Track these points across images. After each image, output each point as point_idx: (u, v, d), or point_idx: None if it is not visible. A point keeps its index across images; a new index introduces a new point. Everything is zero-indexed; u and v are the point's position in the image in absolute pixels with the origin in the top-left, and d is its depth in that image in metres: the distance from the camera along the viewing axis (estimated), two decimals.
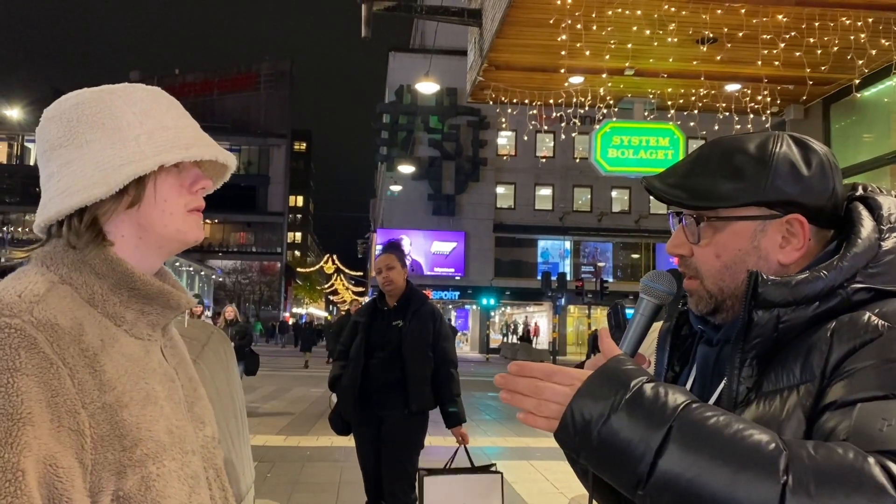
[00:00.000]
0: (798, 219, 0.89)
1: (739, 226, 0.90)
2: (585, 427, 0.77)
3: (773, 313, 0.85)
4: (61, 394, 0.77)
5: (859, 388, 0.74)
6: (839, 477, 0.65)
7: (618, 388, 0.77)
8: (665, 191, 0.94)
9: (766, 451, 0.69)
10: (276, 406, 10.83)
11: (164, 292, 0.91)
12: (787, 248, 0.90)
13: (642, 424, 0.74)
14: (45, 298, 0.82)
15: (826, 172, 0.91)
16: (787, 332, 0.85)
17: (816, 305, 0.84)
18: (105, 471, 0.80)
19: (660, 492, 0.71)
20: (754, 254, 0.90)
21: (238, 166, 1.08)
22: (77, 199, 0.85)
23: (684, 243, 0.95)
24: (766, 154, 0.90)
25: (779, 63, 6.30)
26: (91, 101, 0.91)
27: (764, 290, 0.85)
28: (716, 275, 0.92)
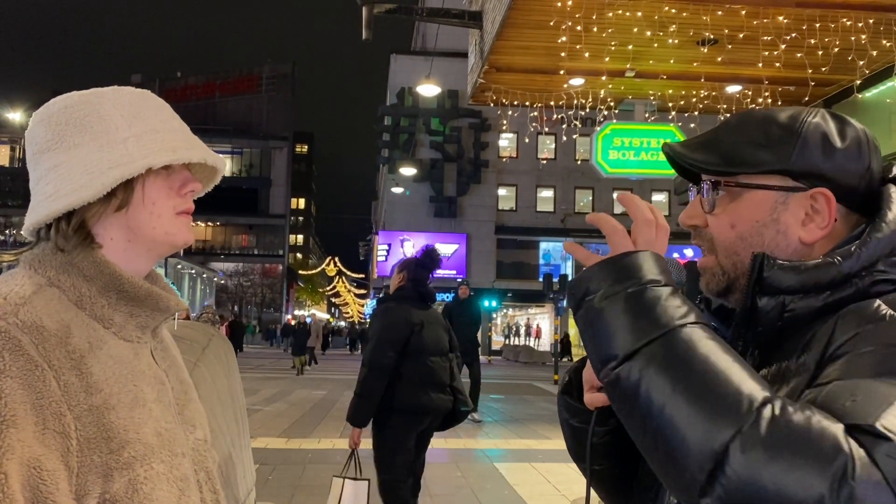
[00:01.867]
0: (825, 193, 0.80)
1: (759, 195, 0.82)
2: (586, 293, 0.74)
3: (778, 300, 0.78)
4: (46, 396, 0.77)
5: (844, 370, 0.69)
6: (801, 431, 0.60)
7: (631, 276, 0.73)
8: (683, 154, 0.87)
9: (743, 389, 0.63)
10: (277, 408, 10.83)
11: (152, 294, 0.91)
12: (809, 225, 0.81)
13: (638, 319, 0.70)
14: (31, 301, 0.82)
15: (862, 149, 0.82)
16: (793, 322, 0.78)
17: (827, 294, 0.77)
18: (91, 473, 0.79)
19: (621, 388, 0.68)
20: (773, 227, 0.82)
21: (240, 169, 1.07)
22: (64, 202, 0.85)
23: (699, 213, 0.88)
24: (797, 122, 0.82)
25: (779, 64, 6.30)
26: (79, 103, 0.91)
27: (770, 275, 0.78)
28: (730, 247, 0.84)
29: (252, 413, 9.83)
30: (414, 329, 3.66)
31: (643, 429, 0.68)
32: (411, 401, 3.60)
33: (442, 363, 3.75)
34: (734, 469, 0.60)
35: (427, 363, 3.66)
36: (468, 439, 8.12)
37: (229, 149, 55.02)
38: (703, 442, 0.62)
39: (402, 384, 3.59)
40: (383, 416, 3.60)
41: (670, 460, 0.65)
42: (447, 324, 3.93)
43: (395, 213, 33.20)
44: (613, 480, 0.95)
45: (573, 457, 0.99)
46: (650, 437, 0.67)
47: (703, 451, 0.62)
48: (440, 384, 3.69)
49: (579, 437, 0.93)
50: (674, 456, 0.64)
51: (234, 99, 60.36)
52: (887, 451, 0.59)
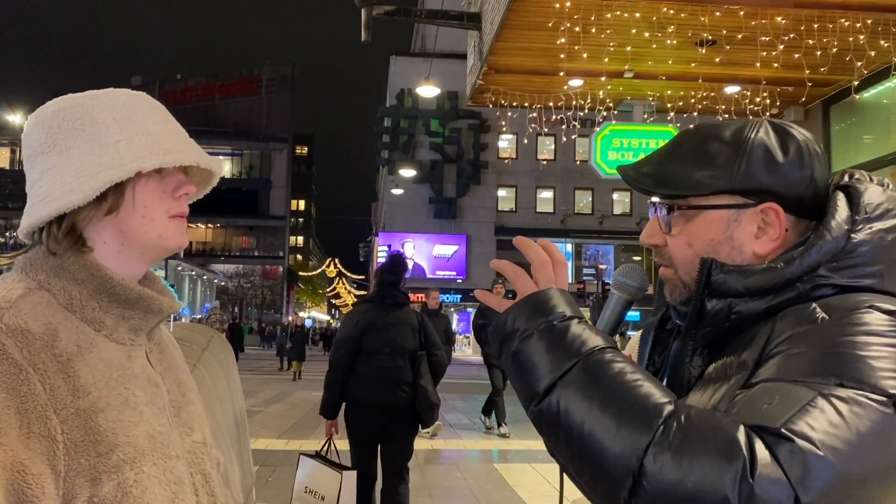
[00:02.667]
0: (773, 208, 0.85)
1: (711, 214, 0.87)
2: (511, 335, 0.80)
3: (725, 302, 0.82)
4: (31, 400, 0.76)
5: (774, 371, 0.73)
6: (704, 436, 0.65)
7: (547, 313, 0.79)
8: (637, 178, 0.92)
9: (653, 405, 0.69)
10: (277, 410, 10.83)
11: (144, 297, 0.90)
12: (762, 238, 0.86)
13: (554, 353, 0.76)
14: (17, 304, 0.82)
15: (804, 159, 0.85)
16: (739, 323, 0.82)
17: (771, 297, 0.81)
18: (79, 477, 0.78)
19: (547, 418, 0.74)
20: (727, 244, 0.86)
21: (240, 171, 1.07)
22: (55, 206, 0.85)
23: (657, 233, 0.92)
24: (741, 140, 0.86)
25: (778, 65, 6.31)
26: (72, 106, 0.90)
27: (717, 279, 0.82)
28: (688, 264, 0.88)
29: (252, 414, 9.82)
30: (366, 330, 3.95)
31: (570, 456, 0.73)
32: (363, 395, 3.93)
33: (396, 361, 3.97)
34: (650, 480, 0.65)
35: (379, 362, 3.93)
36: (468, 440, 8.13)
37: (229, 150, 55.04)
38: (621, 458, 0.67)
39: (357, 380, 3.94)
40: (346, 407, 4.01)
41: (597, 481, 0.70)
42: (418, 325, 4.15)
43: (394, 215, 33.19)
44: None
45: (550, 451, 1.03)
46: (577, 462, 0.72)
47: (622, 467, 0.67)
48: (393, 381, 3.94)
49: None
50: (598, 476, 0.70)
51: (234, 101, 60.37)
52: (789, 450, 0.63)
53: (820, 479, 0.62)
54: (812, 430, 0.64)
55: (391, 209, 33.43)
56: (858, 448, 0.64)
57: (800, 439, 0.63)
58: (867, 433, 0.64)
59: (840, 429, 0.64)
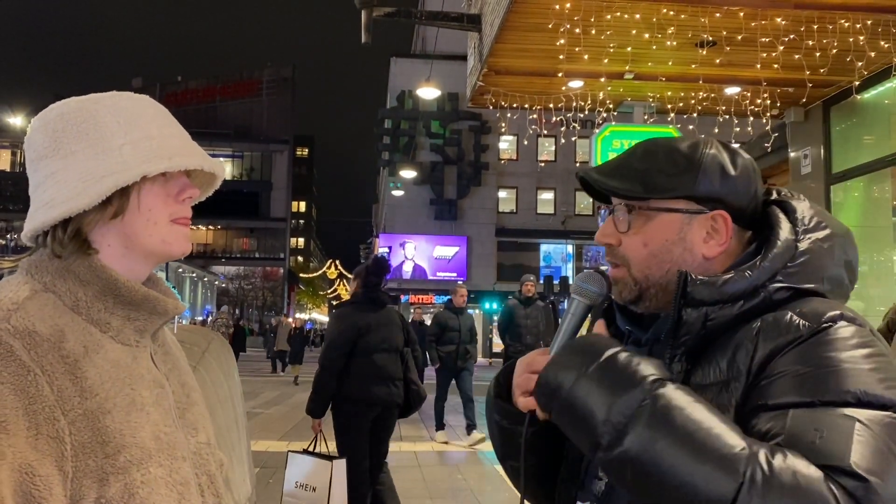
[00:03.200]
0: (723, 215, 0.94)
1: (668, 217, 0.94)
2: (557, 388, 0.82)
3: (701, 311, 0.89)
4: (39, 401, 0.76)
5: (787, 391, 0.79)
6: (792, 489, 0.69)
7: (590, 356, 0.83)
8: (600, 181, 0.97)
9: (731, 449, 0.72)
10: (278, 411, 10.83)
11: (149, 298, 0.90)
12: (710, 242, 0.94)
13: (611, 391, 0.78)
14: (24, 306, 0.82)
15: (750, 175, 0.96)
16: (715, 329, 0.89)
17: (741, 304, 0.88)
18: (86, 478, 0.79)
19: (624, 462, 0.75)
20: (680, 245, 0.94)
21: (241, 172, 1.07)
22: (60, 210, 0.85)
23: (613, 233, 0.98)
24: (699, 152, 0.95)
25: (778, 66, 6.31)
26: (76, 110, 0.90)
27: (693, 290, 0.89)
28: (642, 262, 0.95)
29: (252, 416, 9.82)
30: (361, 331, 4.11)
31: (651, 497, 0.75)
32: (359, 393, 4.07)
33: (391, 359, 4.19)
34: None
35: (374, 360, 4.12)
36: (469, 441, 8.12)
37: (230, 152, 55.06)
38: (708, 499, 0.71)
39: (352, 378, 4.08)
40: (337, 405, 4.11)
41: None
42: (402, 323, 4.37)
43: (395, 216, 33.19)
44: (540, 476, 1.05)
45: (499, 456, 1.08)
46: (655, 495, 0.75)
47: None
48: (387, 378, 4.16)
49: (508, 438, 1.02)
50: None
51: (235, 102, 60.38)
52: (864, 488, 0.69)
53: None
54: (869, 461, 0.70)
55: (392, 210, 33.43)
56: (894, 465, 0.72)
57: (869, 475, 0.70)
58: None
59: (885, 454, 0.72)
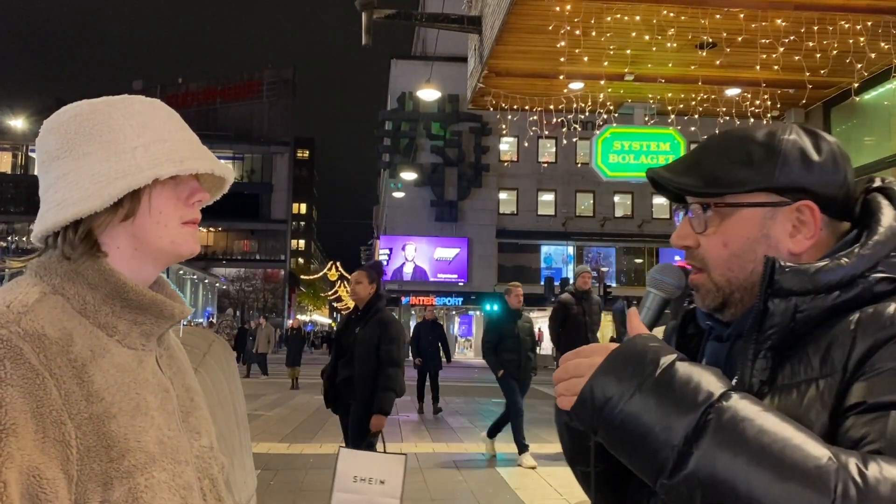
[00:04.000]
0: (809, 205, 0.85)
1: (748, 213, 0.87)
2: (605, 404, 0.74)
3: (790, 302, 0.80)
4: (47, 404, 0.77)
5: (888, 390, 0.71)
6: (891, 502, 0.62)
7: (645, 365, 0.74)
8: (671, 179, 0.91)
9: (816, 462, 0.65)
10: (279, 413, 10.83)
11: (156, 302, 0.91)
12: (797, 236, 0.86)
13: (671, 408, 0.70)
14: (34, 309, 0.82)
15: (838, 161, 0.87)
16: (805, 323, 0.81)
17: (836, 295, 0.80)
18: (91, 482, 0.79)
19: (692, 487, 0.67)
20: (763, 242, 0.86)
21: (241, 174, 1.07)
22: (71, 211, 0.86)
23: (690, 234, 0.91)
24: (776, 140, 0.87)
25: (778, 67, 6.31)
26: (89, 112, 0.91)
27: (781, 278, 0.81)
28: (723, 265, 0.88)
29: (253, 418, 9.81)
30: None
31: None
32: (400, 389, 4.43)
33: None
34: None
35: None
36: (469, 443, 8.11)
37: (230, 154, 55.08)
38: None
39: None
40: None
41: None
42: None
43: (396, 218, 33.21)
44: (611, 482, 0.97)
45: (568, 459, 1.00)
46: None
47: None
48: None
49: (577, 441, 0.95)
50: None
51: (236, 104, 60.42)
52: None
53: None
54: None
55: (392, 212, 33.44)
56: None
57: None
58: None
59: None
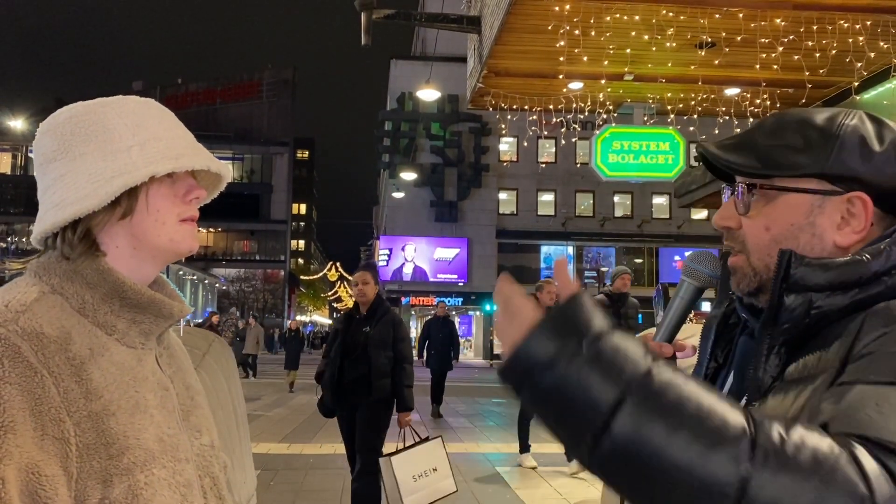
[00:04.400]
0: (861, 197, 0.80)
1: (795, 198, 0.82)
2: (534, 367, 0.66)
3: (805, 297, 0.77)
4: (45, 402, 0.78)
5: (868, 371, 0.67)
6: (809, 469, 0.58)
7: (579, 332, 0.66)
8: (718, 155, 0.86)
9: (732, 429, 0.61)
10: (279, 414, 10.82)
11: (155, 301, 0.91)
12: (845, 228, 0.81)
13: (599, 378, 0.64)
14: (32, 308, 0.83)
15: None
16: (821, 320, 0.77)
17: (856, 292, 0.75)
18: (91, 479, 0.80)
19: (614, 454, 0.63)
20: (808, 230, 0.81)
21: (241, 175, 1.08)
22: (70, 211, 0.87)
23: (733, 215, 0.87)
24: (835, 125, 0.81)
25: (777, 67, 6.32)
26: (84, 113, 0.92)
27: (797, 272, 0.77)
28: (763, 249, 0.84)
29: (253, 419, 9.82)
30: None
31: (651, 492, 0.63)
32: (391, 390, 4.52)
33: None
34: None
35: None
36: (470, 443, 8.12)
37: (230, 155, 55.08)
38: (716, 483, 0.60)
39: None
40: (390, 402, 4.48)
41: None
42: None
43: (396, 218, 33.20)
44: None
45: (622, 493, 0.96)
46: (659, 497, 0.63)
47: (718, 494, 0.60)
48: None
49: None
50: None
51: (235, 105, 60.41)
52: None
53: None
54: None
55: (392, 212, 33.44)
56: None
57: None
58: None
59: None
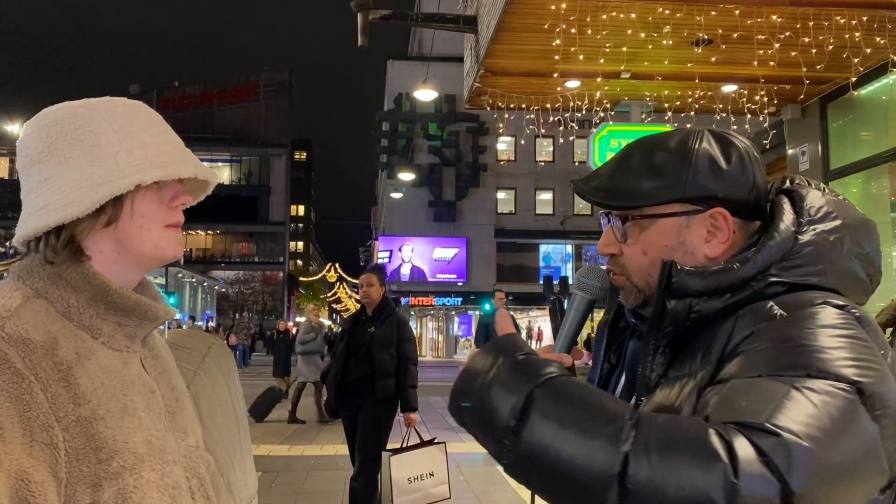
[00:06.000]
0: (721, 212, 0.90)
1: (664, 223, 0.91)
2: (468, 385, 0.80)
3: (685, 302, 0.86)
4: (33, 408, 0.77)
5: (742, 367, 0.76)
6: (679, 445, 0.66)
7: (498, 355, 0.80)
8: (589, 192, 0.96)
9: (613, 419, 0.70)
10: (280, 415, 10.82)
11: (140, 304, 0.91)
12: (712, 241, 0.91)
13: (506, 390, 0.76)
14: (18, 313, 0.82)
15: (746, 165, 0.91)
16: (699, 322, 0.86)
17: (728, 297, 0.85)
18: (80, 484, 0.79)
19: (524, 457, 0.72)
20: (680, 249, 0.91)
21: (239, 177, 1.08)
22: (53, 217, 0.85)
23: (613, 242, 0.96)
24: (686, 150, 0.91)
25: (774, 63, 6.31)
26: (70, 116, 0.90)
27: (677, 280, 0.86)
28: (643, 271, 0.93)
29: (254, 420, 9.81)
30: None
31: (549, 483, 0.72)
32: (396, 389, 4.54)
33: None
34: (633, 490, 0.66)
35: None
36: (471, 443, 8.11)
37: (228, 157, 55.11)
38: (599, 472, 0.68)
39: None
40: (393, 402, 4.47)
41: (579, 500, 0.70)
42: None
43: (394, 219, 33.21)
44: None
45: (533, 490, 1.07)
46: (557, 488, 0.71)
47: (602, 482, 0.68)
48: None
49: None
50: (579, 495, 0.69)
51: (233, 107, 60.42)
52: (775, 443, 0.65)
53: (806, 467, 0.64)
54: (793, 422, 0.67)
55: (391, 213, 33.44)
56: (834, 434, 0.67)
57: (785, 433, 0.66)
58: (840, 420, 0.68)
59: (817, 418, 0.67)
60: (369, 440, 4.42)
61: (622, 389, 1.02)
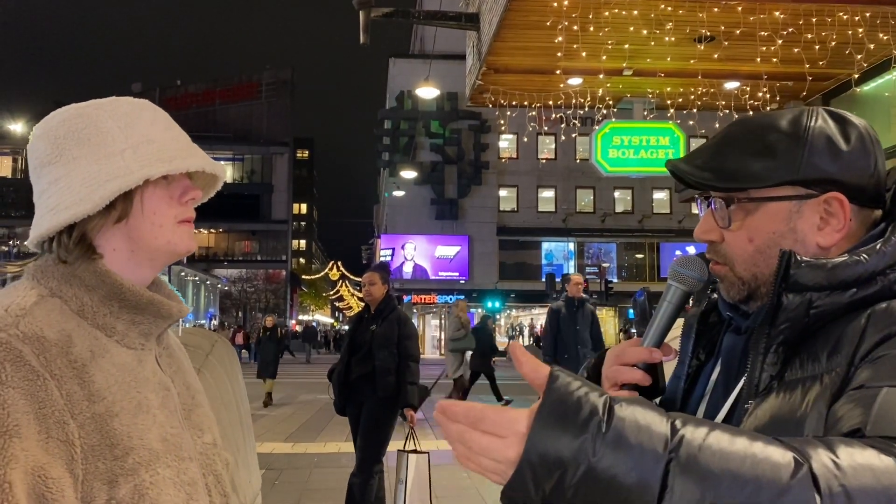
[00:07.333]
0: (837, 197, 0.82)
1: (773, 207, 0.83)
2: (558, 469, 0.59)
3: (804, 297, 0.77)
4: (49, 405, 0.78)
5: (887, 373, 0.67)
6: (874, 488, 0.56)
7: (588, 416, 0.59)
8: (691, 172, 0.87)
9: (787, 469, 0.56)
10: (283, 412, 10.84)
11: (154, 302, 0.92)
12: (826, 229, 0.83)
13: (633, 462, 0.57)
14: (32, 312, 0.83)
15: (867, 147, 0.83)
16: (819, 319, 0.78)
17: (854, 292, 0.77)
18: (97, 480, 0.80)
19: None
20: (790, 236, 0.83)
21: (241, 175, 1.08)
22: (65, 216, 0.87)
23: (714, 228, 0.88)
24: (801, 129, 0.83)
25: (777, 60, 6.30)
26: (77, 117, 0.92)
27: (796, 273, 0.77)
28: (748, 260, 0.85)
29: (257, 418, 9.83)
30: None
31: None
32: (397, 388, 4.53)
33: None
34: None
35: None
36: None
37: (230, 155, 55.11)
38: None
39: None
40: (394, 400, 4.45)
41: None
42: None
43: (396, 217, 33.19)
44: None
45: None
46: None
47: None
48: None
49: None
50: None
51: (235, 106, 60.39)
52: None
53: None
54: None
55: (393, 211, 33.43)
56: None
57: None
58: None
59: None
60: (369, 438, 4.45)
61: (715, 387, 0.91)
